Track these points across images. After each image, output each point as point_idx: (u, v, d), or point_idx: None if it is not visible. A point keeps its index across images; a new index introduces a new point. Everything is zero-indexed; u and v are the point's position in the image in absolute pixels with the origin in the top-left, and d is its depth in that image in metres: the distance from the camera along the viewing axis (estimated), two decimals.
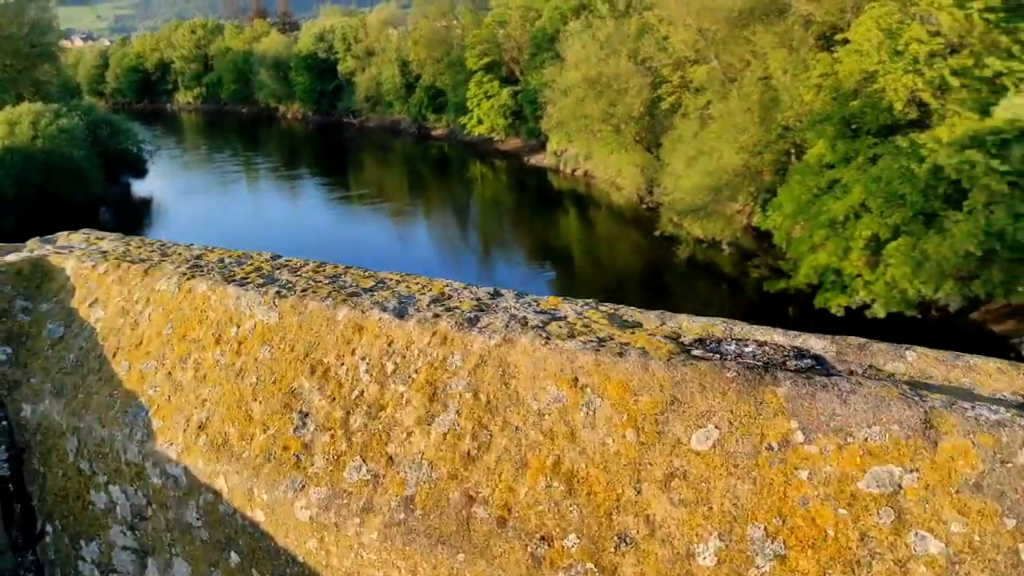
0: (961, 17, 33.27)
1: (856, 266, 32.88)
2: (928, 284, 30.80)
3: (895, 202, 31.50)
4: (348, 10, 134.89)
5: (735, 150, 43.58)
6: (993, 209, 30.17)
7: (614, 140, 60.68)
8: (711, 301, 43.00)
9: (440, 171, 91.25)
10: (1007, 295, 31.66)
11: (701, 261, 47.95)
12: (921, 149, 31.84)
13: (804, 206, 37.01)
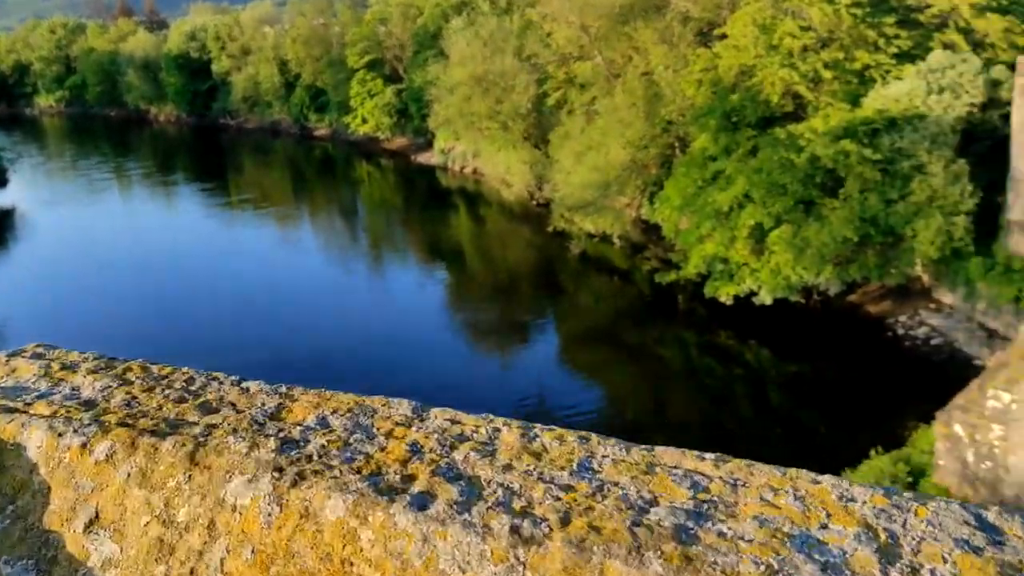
0: (830, 12, 34.77)
1: (742, 255, 33.91)
2: (810, 270, 32.06)
3: (776, 192, 32.65)
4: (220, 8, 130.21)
5: (622, 145, 44.29)
6: (867, 196, 31.67)
7: (502, 137, 60.76)
8: (604, 295, 43.65)
9: (325, 172, 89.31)
10: (881, 277, 33.34)
11: (593, 256, 48.58)
12: (799, 140, 33.10)
13: (690, 198, 37.96)
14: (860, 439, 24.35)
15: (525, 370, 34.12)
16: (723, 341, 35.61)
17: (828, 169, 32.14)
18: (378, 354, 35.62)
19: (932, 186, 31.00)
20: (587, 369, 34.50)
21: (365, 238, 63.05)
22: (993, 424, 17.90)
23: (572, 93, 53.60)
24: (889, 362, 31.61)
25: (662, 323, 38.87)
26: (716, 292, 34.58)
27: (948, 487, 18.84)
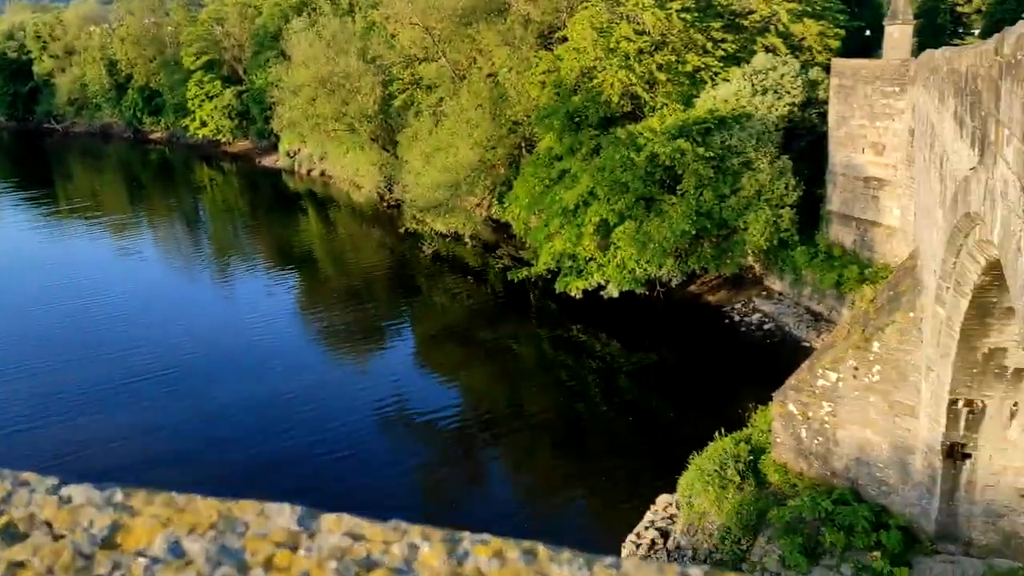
0: (662, 16, 36.42)
1: (589, 251, 35.02)
2: (653, 263, 33.49)
3: (619, 189, 33.89)
4: (40, 6, 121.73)
5: (470, 146, 44.71)
6: (702, 192, 33.40)
7: (349, 139, 60.00)
8: (458, 294, 43.95)
9: (163, 177, 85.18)
10: (718, 268, 35.27)
11: (446, 255, 48.79)
12: (638, 139, 34.48)
13: (538, 197, 38.80)
14: (705, 422, 25.67)
15: (382, 374, 33.91)
16: (575, 335, 36.65)
17: (666, 167, 33.66)
18: (227, 365, 34.45)
19: (760, 181, 33.06)
20: (444, 369, 34.66)
21: (209, 245, 60.66)
22: (823, 402, 19.36)
23: (419, 94, 53.60)
24: (728, 348, 33.49)
25: (516, 320, 39.58)
26: (566, 287, 35.55)
27: (786, 463, 20.23)
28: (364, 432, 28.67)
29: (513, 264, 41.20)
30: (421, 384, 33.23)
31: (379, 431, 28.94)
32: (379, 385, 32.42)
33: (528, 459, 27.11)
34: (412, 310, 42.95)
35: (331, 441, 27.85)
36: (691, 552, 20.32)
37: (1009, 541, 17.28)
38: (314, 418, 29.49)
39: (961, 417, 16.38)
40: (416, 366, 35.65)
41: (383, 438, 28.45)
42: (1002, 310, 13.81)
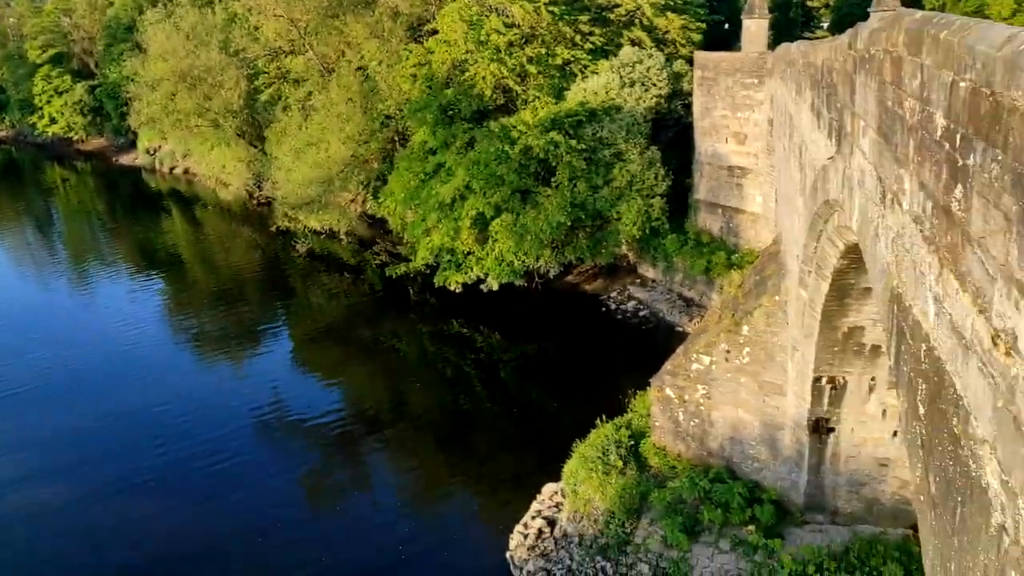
0: (531, 9, 36.71)
1: (467, 244, 35.00)
2: (530, 255, 33.81)
3: (495, 182, 34.01)
4: None
5: (341, 140, 43.85)
6: (576, 183, 33.93)
7: (214, 135, 57.82)
8: (335, 292, 43.10)
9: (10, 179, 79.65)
10: (593, 258, 35.96)
11: (321, 253, 47.74)
12: (512, 132, 34.66)
13: (414, 191, 38.45)
14: (586, 410, 26.15)
15: (259, 377, 32.87)
16: (455, 329, 36.60)
17: (540, 159, 34.02)
18: (91, 376, 32.66)
19: (631, 172, 33.87)
20: (324, 369, 33.94)
21: (65, 250, 57.21)
22: (698, 385, 20.03)
23: (286, 88, 52.17)
24: (606, 335, 34.21)
25: (395, 316, 39.16)
26: (445, 282, 35.43)
27: (665, 445, 20.84)
28: (242, 440, 27.73)
29: (391, 260, 40.74)
30: (300, 386, 32.42)
31: (258, 437, 28.05)
32: (256, 389, 31.43)
33: (413, 456, 26.89)
34: (288, 310, 41.84)
35: (207, 452, 26.80)
36: (577, 538, 20.65)
37: (871, 508, 18.38)
38: (188, 429, 28.32)
39: (825, 393, 17.29)
40: (294, 368, 34.76)
41: (263, 444, 27.60)
42: (859, 291, 14.64)
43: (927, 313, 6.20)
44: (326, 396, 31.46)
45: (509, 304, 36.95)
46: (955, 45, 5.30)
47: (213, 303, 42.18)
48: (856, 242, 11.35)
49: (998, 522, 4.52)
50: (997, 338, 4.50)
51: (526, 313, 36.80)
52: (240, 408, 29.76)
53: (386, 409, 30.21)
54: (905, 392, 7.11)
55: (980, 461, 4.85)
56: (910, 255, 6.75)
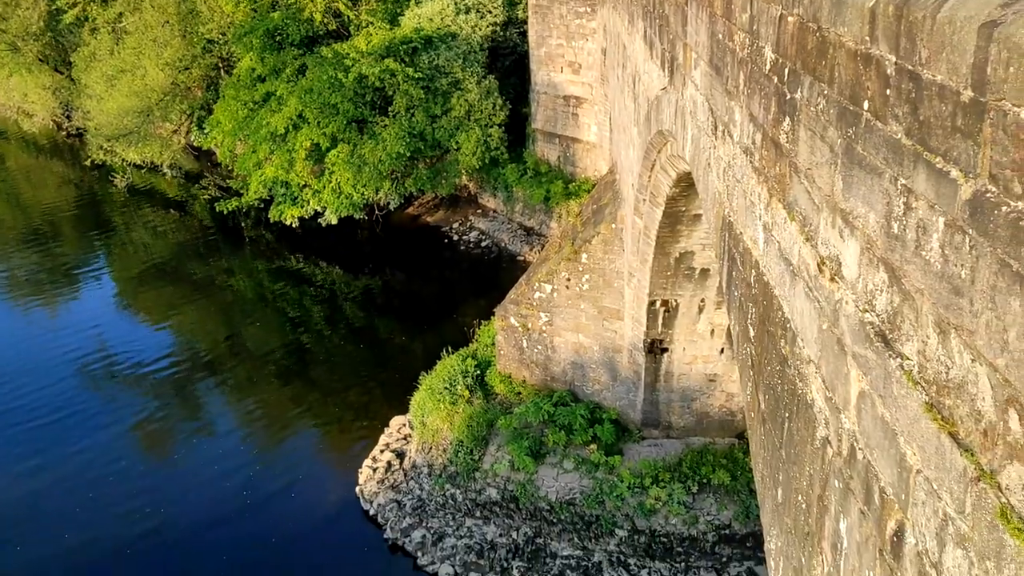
0: None
1: (302, 177, 33.76)
2: (369, 187, 33.05)
3: (329, 112, 32.80)
4: None
5: (159, 67, 40.90)
6: (414, 113, 33.29)
7: (12, 60, 52.45)
8: (162, 229, 40.77)
9: None
10: (434, 189, 35.62)
11: (143, 188, 44.84)
12: (345, 60, 33.38)
13: (242, 122, 36.51)
14: (432, 342, 26.30)
15: (82, 323, 30.83)
16: (294, 265, 35.58)
17: (376, 88, 33.06)
18: None
19: (469, 101, 33.55)
20: (154, 311, 32.24)
21: None
22: (540, 313, 20.48)
23: (94, 9, 47.84)
24: (449, 267, 34.30)
25: (229, 253, 37.57)
26: (281, 216, 34.14)
27: (510, 373, 21.28)
28: (67, 391, 26.04)
29: (221, 194, 38.80)
30: (129, 330, 30.69)
31: (85, 387, 26.42)
32: (79, 336, 29.51)
33: (255, 397, 26.18)
34: (109, 250, 39.21)
35: (27, 406, 25.02)
36: (427, 469, 20.92)
37: (701, 421, 19.61)
38: (2, 381, 26.30)
39: (659, 316, 18.12)
40: (121, 311, 32.81)
41: (90, 395, 26.02)
42: (690, 217, 15.28)
43: (757, 241, 6.51)
44: (158, 339, 29.98)
45: (349, 238, 36.25)
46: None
47: (23, 244, 38.96)
48: (688, 171, 11.77)
49: (822, 435, 4.87)
50: (823, 265, 4.77)
51: (367, 247, 36.25)
52: (62, 357, 27.89)
53: (224, 350, 29.15)
54: (736, 316, 7.50)
55: (806, 380, 5.19)
56: (741, 185, 7.03)
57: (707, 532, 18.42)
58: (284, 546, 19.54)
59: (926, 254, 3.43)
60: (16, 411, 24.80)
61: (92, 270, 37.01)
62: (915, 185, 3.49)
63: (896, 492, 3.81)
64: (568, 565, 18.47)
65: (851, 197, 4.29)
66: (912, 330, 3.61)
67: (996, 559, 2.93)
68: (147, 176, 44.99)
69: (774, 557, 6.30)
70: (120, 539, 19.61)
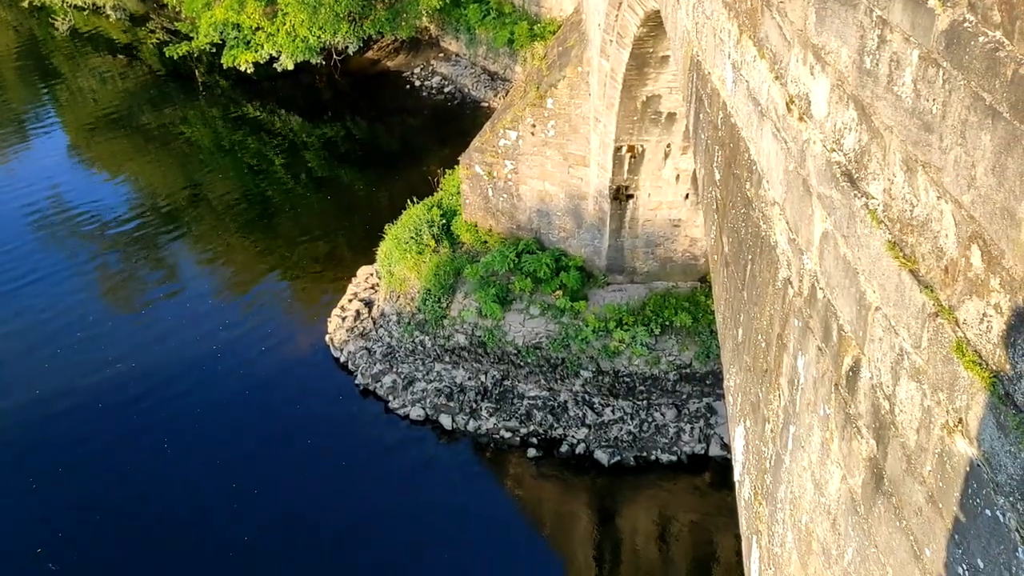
0: None
1: (255, 19, 32.17)
2: (326, 30, 31.66)
3: None
4: None
5: None
6: None
7: None
8: (109, 75, 39.02)
9: None
10: (394, 31, 34.21)
11: (87, 32, 42.54)
12: None
13: None
14: (397, 191, 26.03)
15: (32, 174, 29.98)
16: (251, 112, 34.50)
17: None
18: None
19: None
20: (107, 162, 31.34)
21: None
22: (505, 160, 20.20)
23: None
24: (411, 113, 33.47)
25: (183, 100, 36.20)
26: (235, 61, 32.72)
27: (476, 222, 21.21)
28: (21, 247, 25.57)
29: (170, 38, 37.00)
30: (82, 181, 29.92)
31: (40, 244, 25.93)
32: (30, 189, 28.75)
33: (218, 249, 25.96)
34: (55, 99, 37.59)
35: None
36: (395, 317, 21.18)
37: (665, 266, 19.88)
38: None
39: (625, 162, 17.98)
40: (71, 161, 31.85)
41: (46, 251, 25.58)
42: (658, 59, 14.90)
43: (725, 80, 6.35)
44: (113, 190, 29.32)
45: (307, 84, 35.09)
46: None
47: None
48: (656, 9, 11.36)
49: (784, 276, 4.92)
50: (792, 104, 4.67)
51: (327, 93, 35.17)
52: (16, 212, 27.25)
53: (184, 201, 28.63)
54: (702, 159, 7.43)
55: (770, 222, 5.19)
56: (711, 22, 6.79)
57: (668, 372, 19.06)
58: (256, 396, 19.94)
59: (898, 89, 3.35)
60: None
61: (39, 120, 35.62)
62: (891, 16, 3.36)
63: (854, 329, 3.89)
64: (535, 405, 19.13)
65: (824, 31, 4.14)
66: (879, 169, 3.58)
67: (949, 390, 3.03)
68: (90, 19, 42.63)
69: (732, 393, 6.53)
70: (88, 394, 19.81)
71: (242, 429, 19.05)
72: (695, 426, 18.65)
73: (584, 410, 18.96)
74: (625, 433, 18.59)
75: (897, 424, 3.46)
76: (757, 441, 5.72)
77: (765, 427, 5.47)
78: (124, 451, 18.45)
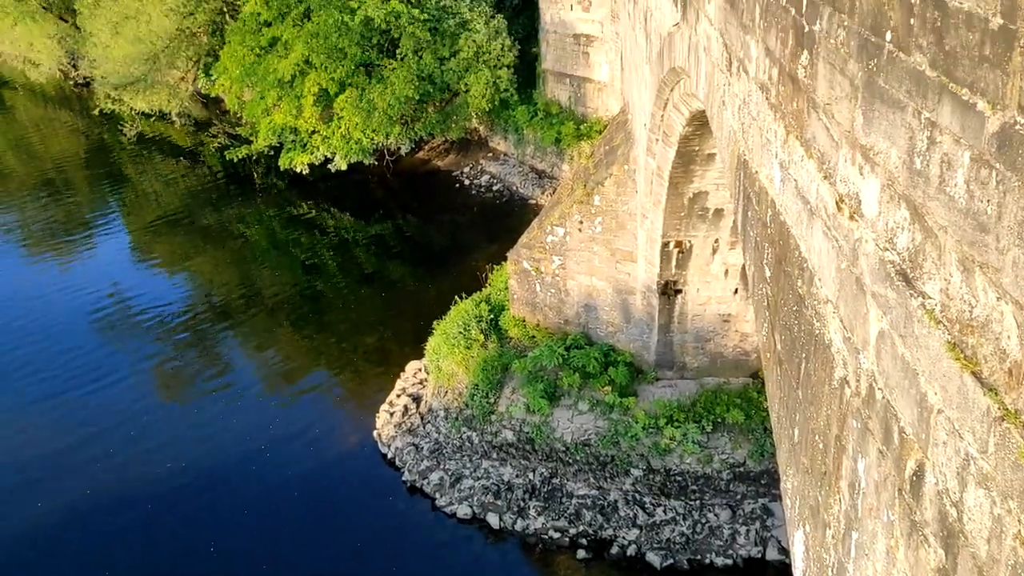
0: None
1: (311, 123, 33.48)
2: (379, 132, 32.77)
3: (337, 56, 32.37)
4: None
5: (163, 13, 40.30)
6: (422, 55, 32.80)
7: (16, 9, 51.83)
8: (172, 178, 40.68)
9: None
10: (444, 132, 35.29)
11: (152, 137, 44.63)
12: (351, 2, 32.81)
13: (250, 67, 36.11)
14: (446, 287, 26.31)
15: (96, 272, 31.01)
16: (306, 211, 35.51)
17: (383, 31, 32.53)
18: None
19: (477, 42, 32.99)
20: (167, 259, 32.36)
21: None
22: (553, 256, 20.40)
23: None
24: (461, 211, 34.13)
25: (240, 201, 37.49)
26: (291, 163, 33.95)
27: (524, 317, 21.30)
28: (84, 339, 26.31)
29: (230, 142, 38.58)
30: (143, 279, 30.85)
31: (102, 333, 26.67)
32: (94, 283, 29.71)
33: (270, 343, 26.38)
34: (121, 199, 39.20)
35: (45, 355, 25.30)
36: (443, 412, 21.11)
37: (715, 361, 19.63)
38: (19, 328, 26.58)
39: (672, 257, 18.01)
40: (134, 259, 32.94)
41: (106, 342, 26.27)
42: (704, 157, 15.07)
43: (773, 179, 6.39)
44: (172, 287, 30.15)
45: (360, 184, 36.09)
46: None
47: (34, 194, 39.01)
48: (702, 109, 11.56)
49: (840, 375, 4.83)
50: (842, 202, 4.67)
51: (378, 192, 36.11)
52: (78, 304, 28.13)
53: (238, 297, 29.29)
54: (752, 256, 7.41)
55: (824, 320, 5.13)
56: (757, 122, 6.89)
57: (721, 471, 18.57)
58: (305, 491, 19.87)
59: (950, 190, 3.34)
60: (34, 362, 25.08)
61: (105, 219, 37.08)
62: (940, 118, 3.38)
63: (916, 432, 3.78)
64: (584, 504, 18.72)
65: (872, 132, 4.17)
66: (935, 268, 3.54)
67: (1020, 499, 2.91)
68: (156, 125, 44.76)
69: (791, 496, 6.33)
70: (141, 490, 19.95)
71: (290, 525, 18.92)
72: (751, 528, 18.03)
73: (635, 510, 18.49)
74: (678, 535, 18.04)
75: (966, 533, 3.31)
76: (818, 547, 5.51)
77: (826, 533, 5.27)
78: (172, 548, 18.40)
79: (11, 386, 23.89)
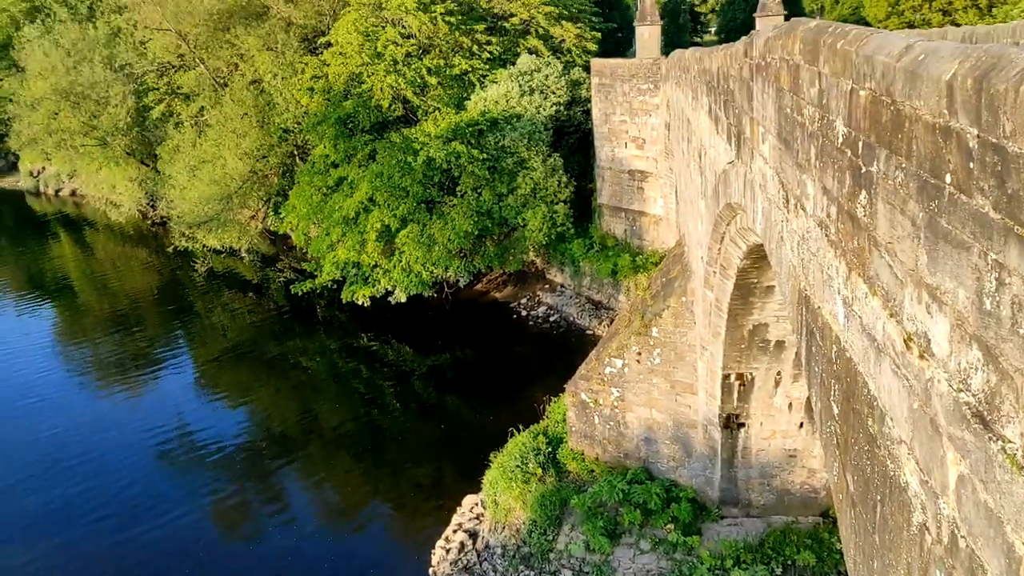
0: (427, 20, 36.51)
1: (374, 257, 34.52)
2: (439, 265, 33.59)
3: (399, 194, 33.67)
4: None
5: (238, 156, 42.69)
6: (481, 192, 33.91)
7: (102, 155, 55.46)
8: (239, 311, 41.89)
9: None
10: (502, 265, 35.99)
11: (222, 272, 46.33)
12: (413, 144, 34.39)
13: (316, 206, 37.72)
14: (503, 419, 26.11)
15: (162, 403, 31.63)
16: (365, 343, 36.05)
17: (444, 169, 33.85)
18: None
19: (534, 179, 34.06)
20: (230, 391, 32.90)
21: None
22: (611, 388, 20.23)
23: (177, 104, 50.46)
24: (518, 342, 34.28)
25: (303, 333, 38.31)
26: (353, 296, 34.85)
27: (582, 450, 20.95)
28: (148, 470, 26.60)
29: (296, 276, 39.85)
30: (206, 410, 31.33)
31: (165, 467, 26.96)
32: (160, 416, 30.24)
33: (328, 475, 26.29)
34: (189, 332, 40.40)
35: (111, 485, 25.60)
36: (500, 549, 20.56)
37: (782, 499, 18.91)
38: (90, 461, 27.03)
39: (734, 390, 17.69)
40: (199, 391, 33.57)
41: (170, 474, 26.52)
42: (763, 289, 15.03)
43: (836, 315, 6.34)
44: (234, 419, 30.50)
45: (419, 316, 36.65)
46: (853, 55, 5.43)
47: (109, 329, 40.43)
48: (759, 242, 11.63)
49: (919, 521, 4.63)
50: (910, 341, 4.61)
51: (437, 324, 36.56)
52: (144, 437, 28.57)
53: (297, 429, 29.47)
54: (818, 392, 7.27)
55: (898, 461, 4.97)
56: (817, 258, 6.90)
57: None
58: None
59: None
60: (103, 488, 25.38)
61: (173, 352, 38.10)
62: (1007, 260, 3.37)
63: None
64: None
65: (937, 272, 4.16)
66: (1013, 411, 3.44)
67: None
68: (226, 261, 46.53)
69: None
70: None
71: None
72: None
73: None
74: None
75: None
76: None
77: None
78: None
79: (76, 521, 24.09)
